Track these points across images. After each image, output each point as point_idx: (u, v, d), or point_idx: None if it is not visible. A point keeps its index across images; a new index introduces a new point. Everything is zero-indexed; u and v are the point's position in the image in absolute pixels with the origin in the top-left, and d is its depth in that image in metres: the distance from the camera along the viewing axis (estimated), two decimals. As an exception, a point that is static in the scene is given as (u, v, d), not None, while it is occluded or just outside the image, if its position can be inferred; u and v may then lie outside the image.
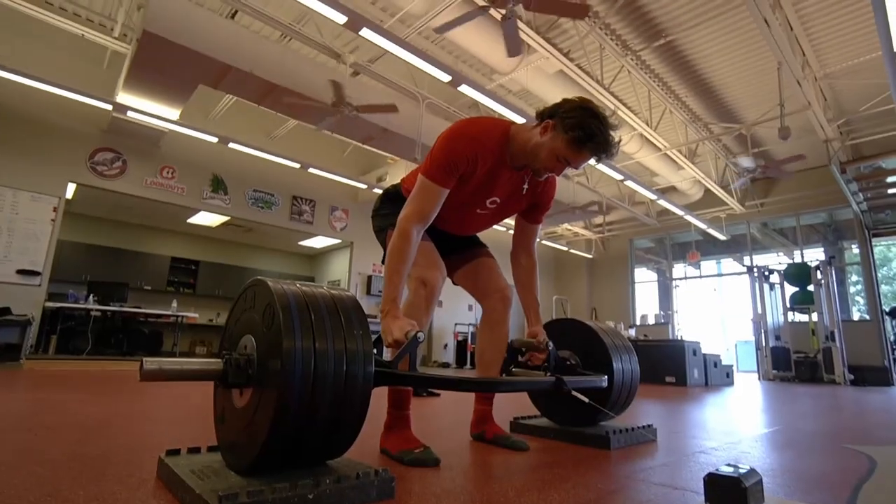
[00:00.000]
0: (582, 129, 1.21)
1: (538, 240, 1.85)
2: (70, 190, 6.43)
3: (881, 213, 8.28)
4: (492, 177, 1.37)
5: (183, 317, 7.41)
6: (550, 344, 1.47)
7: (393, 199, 1.56)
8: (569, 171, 1.39)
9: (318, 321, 0.93)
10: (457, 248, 1.65)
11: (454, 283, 1.69)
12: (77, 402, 2.31)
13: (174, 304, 7.48)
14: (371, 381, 0.96)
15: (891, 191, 7.59)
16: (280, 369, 0.85)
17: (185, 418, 1.99)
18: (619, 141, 1.35)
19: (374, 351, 0.99)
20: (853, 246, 9.19)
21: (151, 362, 0.90)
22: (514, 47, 4.36)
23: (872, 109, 6.40)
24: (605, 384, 1.52)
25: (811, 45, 5.72)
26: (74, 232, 8.41)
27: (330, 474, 0.92)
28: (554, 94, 6.22)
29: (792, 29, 5.38)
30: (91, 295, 6.46)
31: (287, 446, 0.89)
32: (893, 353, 7.81)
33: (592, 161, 1.32)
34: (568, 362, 1.66)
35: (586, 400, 1.36)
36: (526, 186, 1.44)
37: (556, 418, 1.83)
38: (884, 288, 13.13)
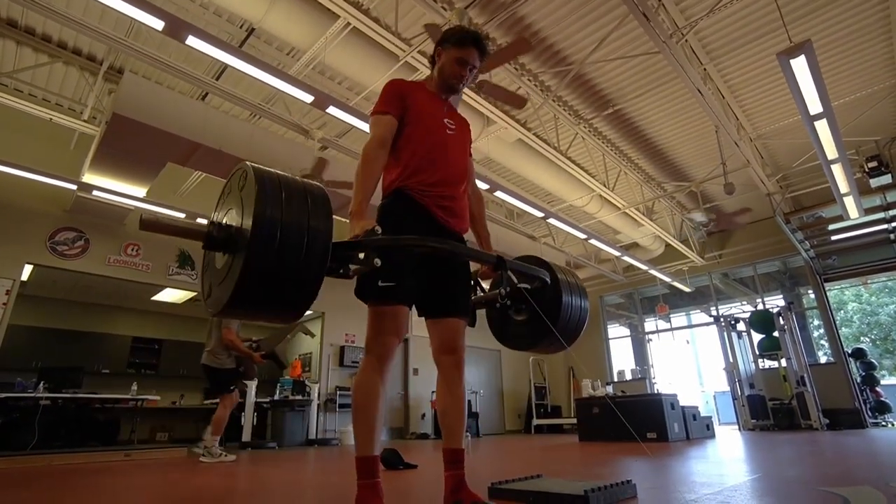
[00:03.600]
0: (453, 34, 1.69)
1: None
2: (26, 272, 6.19)
3: (828, 258, 8.77)
4: (430, 102, 1.70)
5: (143, 400, 6.96)
6: (506, 263, 1.55)
7: None
8: (536, 232, 1.56)
9: (288, 198, 1.12)
10: (445, 306, 1.62)
11: (426, 324, 1.66)
12: (15, 502, 2.10)
13: (134, 387, 7.05)
14: (329, 251, 1.15)
15: (834, 237, 8.11)
16: (252, 233, 1.04)
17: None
18: (487, 36, 1.81)
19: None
20: (809, 291, 9.61)
21: (149, 213, 1.13)
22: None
23: (804, 164, 6.98)
24: (546, 277, 1.71)
25: (742, 110, 6.31)
26: (27, 315, 7.99)
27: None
28: (514, 160, 6.58)
29: (724, 97, 5.96)
30: (41, 382, 6.04)
31: (253, 296, 1.07)
32: (862, 395, 7.98)
33: (478, 59, 1.68)
34: (520, 285, 1.72)
35: (525, 286, 1.66)
36: (457, 117, 1.79)
37: (511, 342, 1.90)
38: (844, 330, 13.66)
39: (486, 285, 1.81)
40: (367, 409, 1.44)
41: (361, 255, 1.29)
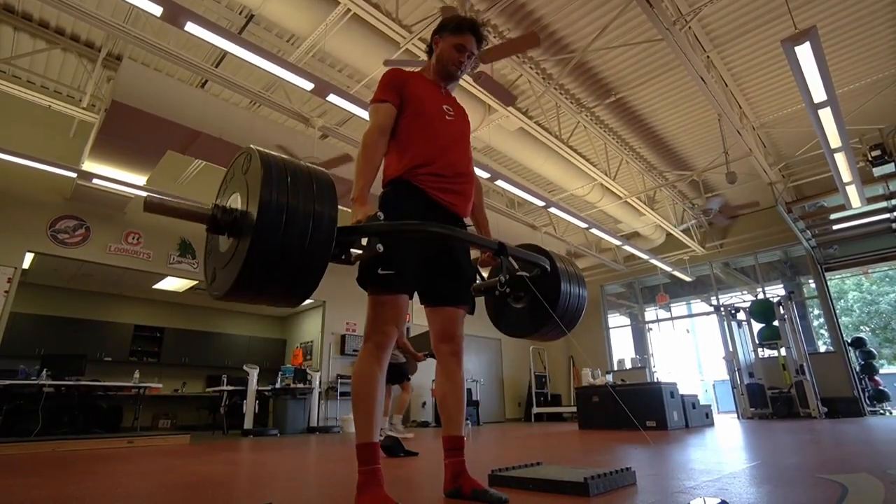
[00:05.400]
0: (450, 21, 1.71)
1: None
2: (27, 260, 6.20)
3: (829, 248, 8.76)
4: (428, 91, 1.70)
5: (145, 388, 7.02)
6: (507, 249, 1.57)
7: None
8: (536, 222, 1.55)
9: (293, 183, 1.11)
10: (446, 297, 1.62)
11: (426, 312, 1.67)
12: (23, 487, 2.13)
13: (136, 374, 7.10)
14: (333, 236, 1.14)
15: (835, 227, 8.09)
16: (257, 215, 1.03)
17: (146, 496, 1.85)
18: (485, 23, 1.81)
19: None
20: (810, 281, 9.62)
21: (154, 196, 1.09)
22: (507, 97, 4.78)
23: (807, 153, 6.94)
24: (546, 265, 1.71)
25: (745, 98, 6.26)
26: (29, 303, 8.02)
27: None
28: (515, 149, 6.54)
29: (727, 85, 5.90)
30: (44, 369, 6.08)
31: (257, 280, 1.07)
32: (860, 384, 8.02)
33: (476, 46, 1.70)
34: (520, 273, 1.73)
35: (524, 273, 1.67)
36: (452, 94, 1.81)
37: (510, 329, 1.91)
38: (844, 319, 13.70)
39: (485, 273, 1.81)
40: (366, 397, 1.45)
41: (364, 241, 1.29)
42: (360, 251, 1.32)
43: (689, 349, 15.02)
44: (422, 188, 1.58)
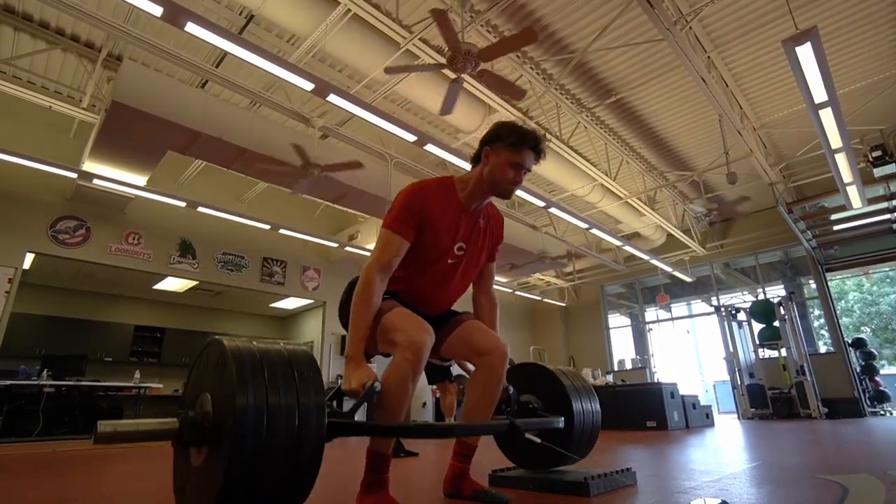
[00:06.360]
0: (513, 133, 1.48)
1: (511, 291, 1.88)
2: (28, 260, 6.20)
3: (830, 249, 8.75)
4: (447, 222, 1.49)
5: (145, 388, 7.02)
6: (511, 388, 1.49)
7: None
8: (537, 222, 1.51)
9: (272, 376, 0.96)
10: (438, 324, 1.56)
11: (443, 357, 1.61)
12: (23, 487, 2.13)
13: (136, 375, 7.10)
14: (324, 434, 0.99)
15: (836, 227, 8.08)
16: (233, 425, 0.87)
17: (146, 496, 1.85)
18: (544, 135, 1.53)
19: (334, 404, 1.01)
20: (810, 281, 9.60)
21: (106, 424, 0.91)
22: (448, 107, 4.58)
23: (808, 154, 6.93)
24: (560, 425, 1.55)
25: (746, 99, 6.25)
26: (30, 303, 8.02)
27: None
28: (517, 149, 6.52)
29: (728, 85, 5.90)
30: (45, 370, 6.08)
31: (244, 496, 0.90)
32: (861, 384, 8.01)
33: (534, 162, 1.52)
34: (530, 406, 1.67)
35: (538, 440, 1.43)
36: (482, 221, 1.58)
37: (523, 463, 1.82)
38: (844, 320, 13.68)
39: None
40: (395, 414, 1.30)
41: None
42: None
43: (689, 350, 15.01)
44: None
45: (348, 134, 5.85)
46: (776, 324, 7.89)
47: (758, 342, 8.21)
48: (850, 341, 8.59)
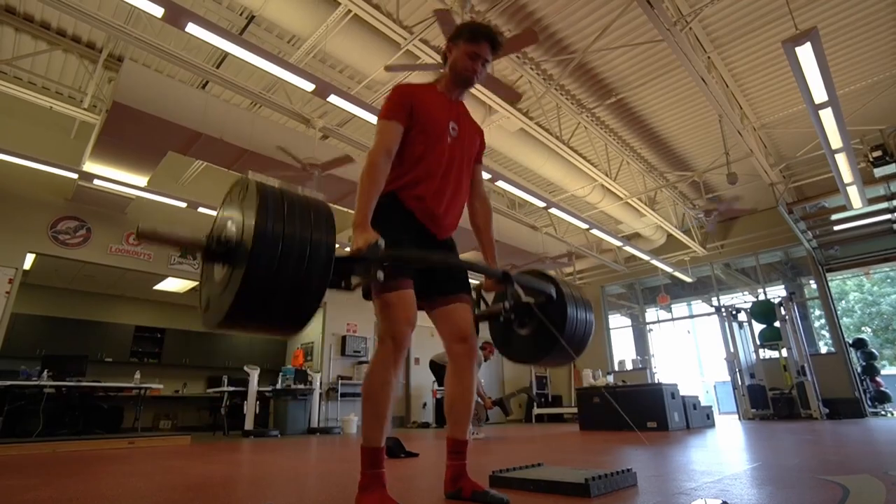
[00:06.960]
0: (465, 29, 1.69)
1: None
2: (28, 260, 6.20)
3: (831, 249, 8.74)
4: (436, 106, 1.67)
5: (146, 389, 7.02)
6: (511, 277, 1.56)
7: None
8: (537, 222, 1.52)
9: (290, 213, 1.09)
10: (444, 287, 1.62)
11: (430, 318, 1.65)
12: (24, 487, 2.13)
13: (137, 375, 7.10)
14: (331, 264, 1.12)
15: (836, 228, 8.08)
16: (251, 246, 1.01)
17: (146, 496, 1.85)
18: (502, 32, 1.72)
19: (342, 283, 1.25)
20: (811, 282, 9.60)
21: (147, 223, 1.09)
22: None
23: (808, 154, 6.93)
24: (551, 292, 1.68)
25: (746, 99, 6.25)
26: (30, 304, 8.03)
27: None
28: (516, 150, 6.53)
29: (728, 86, 5.90)
30: (45, 370, 6.08)
31: (252, 309, 1.05)
32: (862, 385, 8.00)
33: (490, 52, 1.68)
34: (526, 300, 1.69)
35: (529, 300, 1.64)
36: (465, 111, 1.77)
37: (514, 355, 1.88)
38: (845, 320, 13.68)
39: (488, 297, 1.79)
40: (377, 401, 1.42)
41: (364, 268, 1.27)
42: (359, 279, 1.30)
43: (689, 350, 15.00)
44: (409, 208, 1.58)
45: (349, 134, 5.85)
46: (777, 324, 7.88)
47: (758, 343, 8.19)
48: (850, 342, 8.58)
